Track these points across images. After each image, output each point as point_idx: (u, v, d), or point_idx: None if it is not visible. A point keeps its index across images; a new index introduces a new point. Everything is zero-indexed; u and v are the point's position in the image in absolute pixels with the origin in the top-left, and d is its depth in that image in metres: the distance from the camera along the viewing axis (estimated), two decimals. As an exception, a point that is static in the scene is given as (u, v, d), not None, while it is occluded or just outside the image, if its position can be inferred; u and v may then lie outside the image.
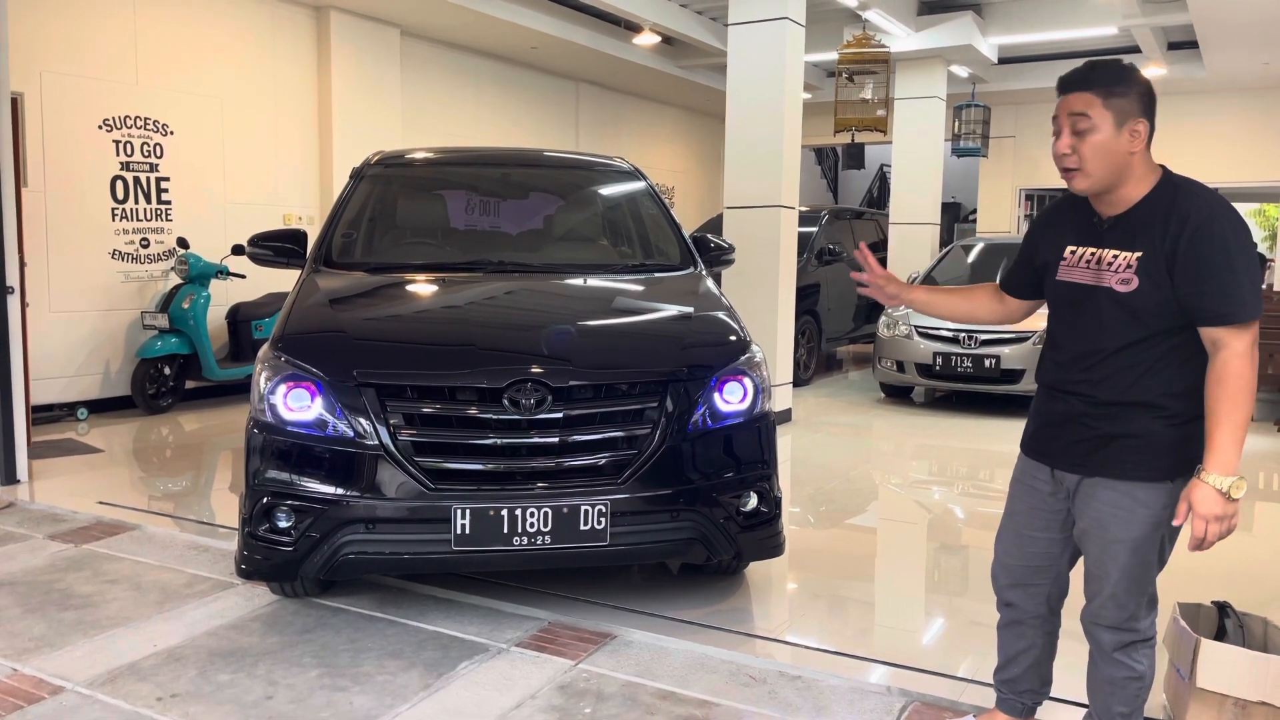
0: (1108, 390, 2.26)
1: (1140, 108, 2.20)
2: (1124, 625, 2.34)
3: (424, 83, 10.26)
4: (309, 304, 3.75)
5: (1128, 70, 2.22)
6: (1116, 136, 2.19)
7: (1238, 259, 2.12)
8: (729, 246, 4.77)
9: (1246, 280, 2.11)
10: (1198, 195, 2.19)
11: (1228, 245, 2.12)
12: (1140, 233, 2.21)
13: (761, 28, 7.54)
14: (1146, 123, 2.20)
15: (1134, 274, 2.19)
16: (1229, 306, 2.11)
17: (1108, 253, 2.25)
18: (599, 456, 3.29)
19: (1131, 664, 2.36)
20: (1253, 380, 2.12)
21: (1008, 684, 2.67)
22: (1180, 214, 2.16)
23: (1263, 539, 5.14)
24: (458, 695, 2.98)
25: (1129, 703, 2.40)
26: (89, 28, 7.36)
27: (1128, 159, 2.20)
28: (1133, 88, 2.19)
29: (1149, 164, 2.25)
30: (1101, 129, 2.19)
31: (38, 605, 3.67)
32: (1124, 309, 2.22)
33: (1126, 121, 2.19)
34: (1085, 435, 2.31)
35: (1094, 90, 2.20)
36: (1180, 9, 9.20)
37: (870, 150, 17.20)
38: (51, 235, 7.22)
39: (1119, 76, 2.20)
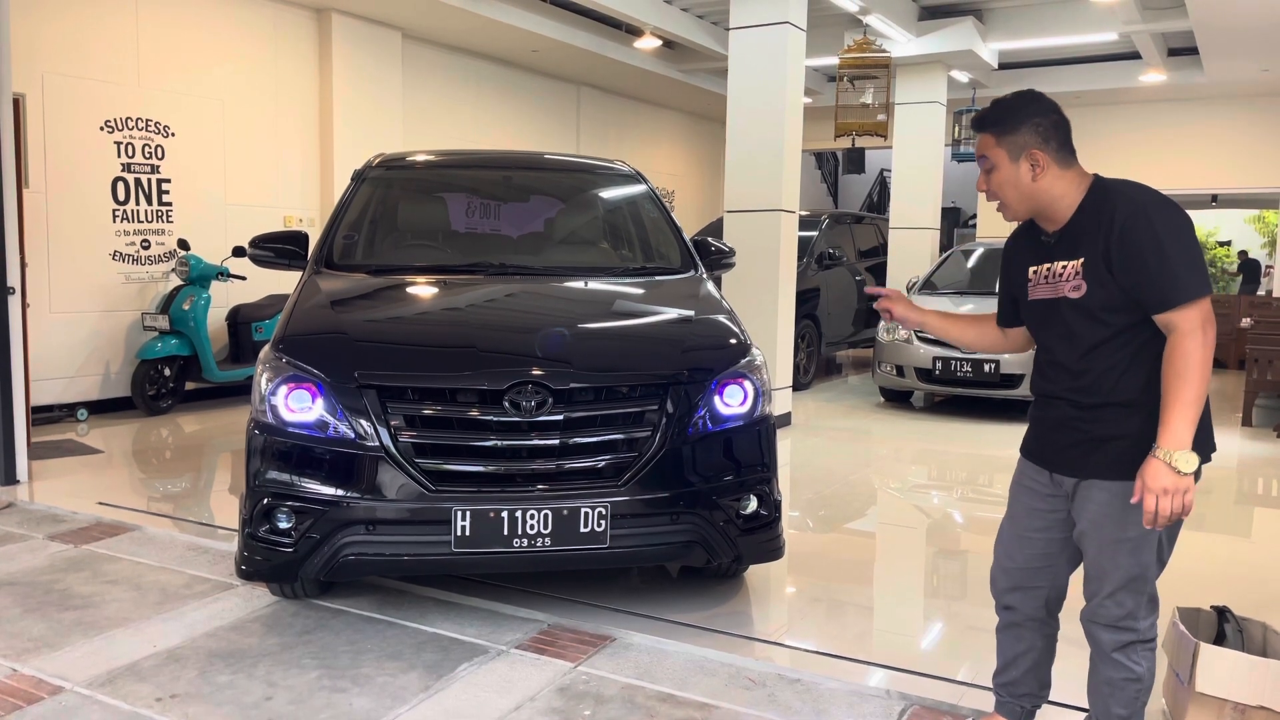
0: (1092, 394, 2.31)
1: (1036, 138, 2.31)
2: (1123, 624, 2.35)
3: (425, 85, 10.28)
4: (310, 305, 3.75)
5: (1019, 104, 2.34)
6: (1015, 169, 2.33)
7: (1168, 244, 2.17)
8: (729, 250, 4.77)
9: (1181, 262, 2.16)
10: (1123, 193, 2.27)
11: (1156, 233, 2.18)
12: (1080, 240, 2.30)
13: (762, 32, 7.55)
14: (1045, 151, 2.30)
15: (1081, 279, 2.29)
16: (1167, 291, 2.16)
17: (1058, 265, 2.35)
18: (599, 459, 3.29)
19: (1131, 665, 2.37)
20: (1203, 358, 2.15)
21: (1006, 687, 2.69)
22: (1108, 214, 2.24)
23: (1262, 544, 5.15)
24: (457, 697, 2.98)
25: (1128, 705, 2.40)
26: (91, 29, 7.37)
27: (1034, 186, 2.33)
28: (1024, 121, 2.31)
29: (1069, 180, 2.33)
30: (1001, 166, 2.34)
31: (37, 605, 3.67)
32: (1082, 313, 2.30)
33: (1021, 155, 2.31)
34: (1078, 439, 2.36)
35: (988, 131, 2.36)
36: (1180, 15, 9.22)
37: (870, 155, 17.21)
38: (52, 236, 7.23)
39: (1007, 114, 2.33)
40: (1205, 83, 11.75)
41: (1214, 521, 5.64)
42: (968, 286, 9.39)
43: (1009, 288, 2.57)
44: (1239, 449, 7.41)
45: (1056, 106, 2.36)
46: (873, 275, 11.55)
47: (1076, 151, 2.38)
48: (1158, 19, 9.60)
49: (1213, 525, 5.56)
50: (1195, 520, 5.69)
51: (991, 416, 8.35)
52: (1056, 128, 2.33)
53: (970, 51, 10.62)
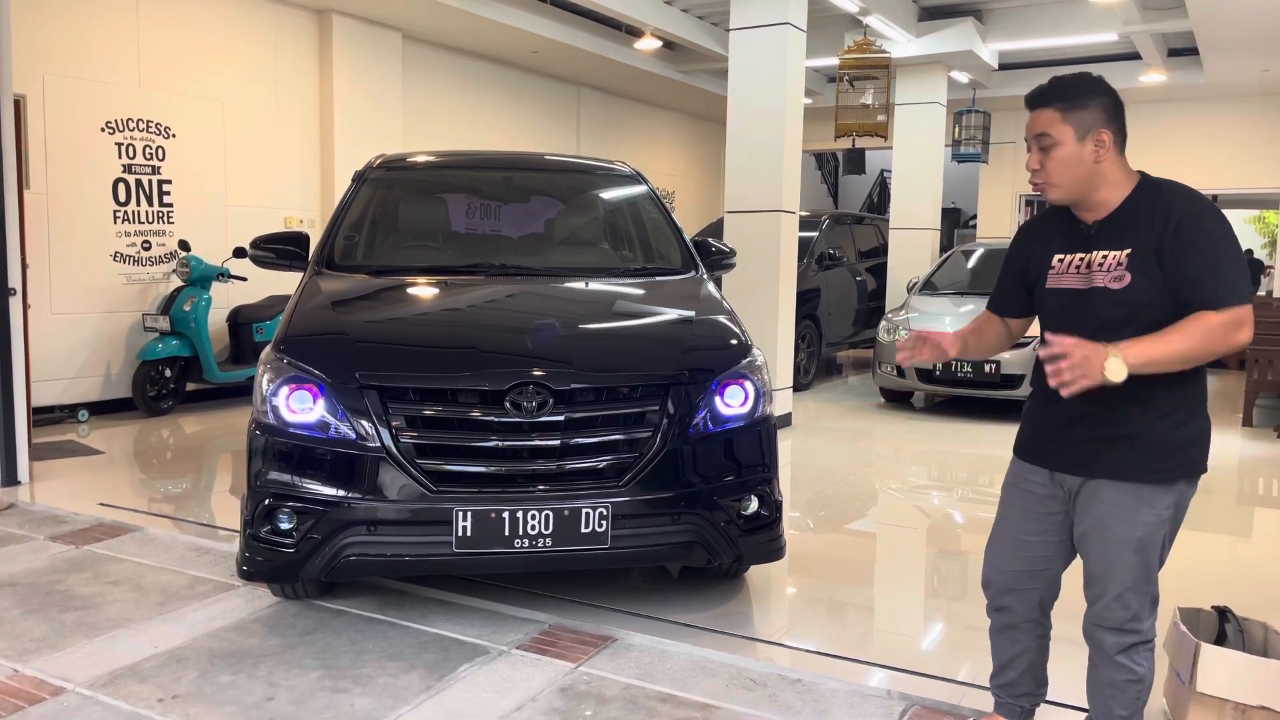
0: (1111, 390, 2.21)
1: (1103, 117, 2.26)
2: (1128, 627, 2.34)
3: (426, 86, 10.28)
4: (311, 306, 3.76)
5: (1086, 82, 2.28)
6: (1080, 148, 2.26)
7: (1222, 247, 2.17)
8: (730, 251, 4.77)
9: (1232, 267, 2.16)
10: (1180, 192, 2.25)
11: (1212, 234, 2.17)
12: (1127, 231, 2.26)
13: (763, 33, 7.56)
14: (1111, 131, 2.27)
15: (1125, 270, 2.24)
16: (1217, 291, 2.15)
17: (1097, 255, 2.30)
18: (600, 459, 3.30)
19: (1133, 666, 2.37)
20: (1217, 339, 2.13)
21: (1005, 688, 2.68)
22: (1164, 209, 2.22)
23: (1262, 544, 5.15)
24: (458, 697, 2.98)
25: (1129, 705, 2.40)
26: (91, 31, 7.37)
27: (1095, 168, 2.28)
28: (1092, 99, 2.26)
29: (1123, 169, 2.30)
30: (1065, 143, 2.27)
31: (39, 606, 3.67)
32: (1119, 305, 2.25)
33: (1089, 133, 2.26)
34: (1088, 436, 2.33)
35: (1053, 107, 2.27)
36: (1180, 15, 9.22)
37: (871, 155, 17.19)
38: (53, 237, 7.24)
39: (1076, 90, 2.27)
40: (1205, 83, 11.75)
41: (1215, 522, 5.64)
42: (968, 287, 9.39)
43: (1022, 272, 2.50)
44: (1239, 449, 7.41)
45: (1117, 92, 2.32)
46: (873, 276, 11.56)
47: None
48: (1158, 19, 9.60)
49: (1213, 525, 5.56)
50: (1196, 520, 5.67)
51: (992, 417, 8.35)
52: (1119, 112, 2.29)
53: (970, 52, 10.62)
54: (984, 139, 12.67)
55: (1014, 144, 14.29)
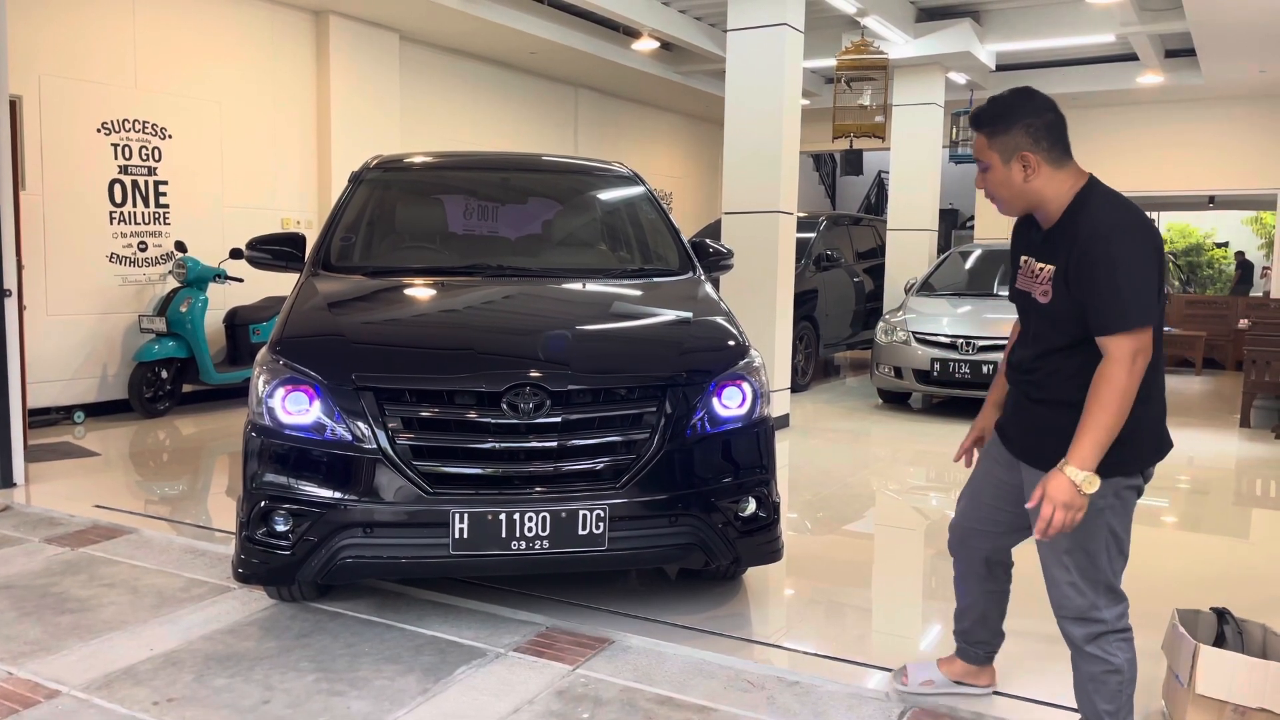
0: (1041, 388, 2.44)
1: (1027, 140, 2.34)
2: (1089, 615, 2.40)
3: (423, 87, 10.27)
4: (307, 307, 3.74)
5: (1012, 106, 2.37)
6: (1008, 171, 2.37)
7: (1119, 272, 2.21)
8: (727, 252, 4.76)
9: (1128, 292, 2.21)
10: (1094, 211, 2.30)
11: (1112, 259, 2.22)
12: (1055, 247, 2.36)
13: (760, 34, 7.55)
14: (1035, 152, 2.34)
15: (1050, 285, 2.36)
16: (1108, 318, 2.22)
17: (1037, 264, 2.43)
18: (597, 461, 3.28)
19: (1106, 656, 2.41)
20: (1126, 387, 2.20)
21: (962, 634, 2.96)
22: (1073, 231, 2.30)
23: (1261, 546, 5.15)
24: (455, 700, 2.97)
25: (1112, 699, 2.43)
26: (88, 31, 7.36)
27: (1026, 187, 2.37)
28: (1015, 123, 2.34)
29: (1062, 182, 2.36)
30: (995, 167, 2.39)
31: (34, 609, 3.66)
32: (1045, 318, 2.40)
33: (1013, 156, 2.35)
34: (1026, 429, 2.52)
35: (982, 132, 2.40)
36: (1178, 16, 9.23)
37: (868, 156, 17.21)
38: (49, 238, 7.22)
39: (1000, 115, 2.37)
40: (1203, 84, 11.76)
41: (1213, 523, 5.64)
42: (965, 288, 9.39)
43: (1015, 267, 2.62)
44: (1237, 450, 7.42)
45: (1052, 104, 2.38)
46: (870, 277, 11.56)
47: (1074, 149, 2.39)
48: (1155, 20, 9.61)
49: (1212, 527, 5.56)
50: (1194, 521, 5.70)
51: (990, 418, 8.34)
52: (1050, 128, 2.35)
53: (968, 53, 10.62)
54: (982, 140, 12.66)
55: (1011, 145, 14.29)
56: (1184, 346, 12.17)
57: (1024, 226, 2.55)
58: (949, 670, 3.00)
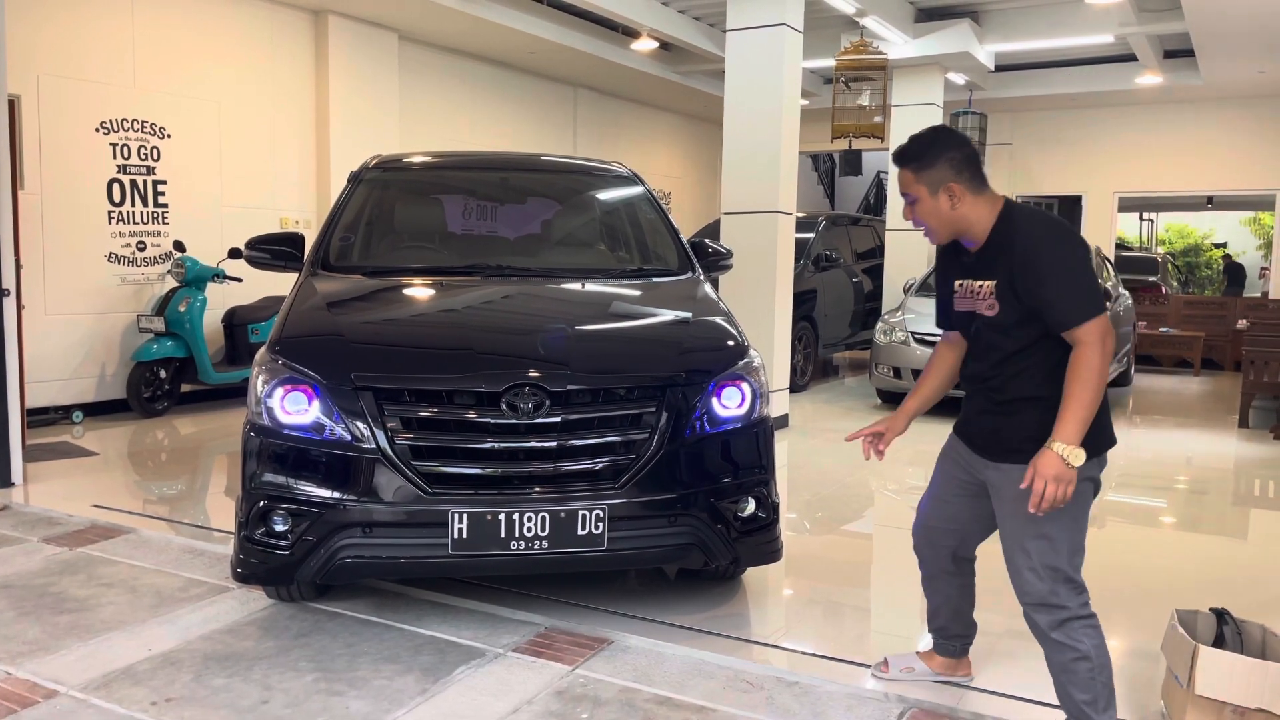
0: (1003, 391, 2.59)
1: (951, 172, 2.55)
2: (1049, 601, 2.50)
3: (422, 87, 10.27)
4: (306, 307, 3.74)
5: (934, 142, 2.59)
6: (935, 201, 2.57)
7: (1063, 273, 2.42)
8: (727, 252, 4.76)
9: (1077, 288, 2.42)
10: (1023, 225, 2.51)
11: (1058, 261, 2.44)
12: (991, 264, 2.55)
13: (759, 34, 7.55)
14: (960, 183, 2.54)
15: (994, 299, 2.54)
16: (1072, 313, 2.41)
17: (974, 283, 2.62)
18: (597, 461, 3.28)
19: (1073, 643, 2.48)
20: (1101, 366, 2.38)
21: (938, 631, 3.08)
22: (1009, 245, 2.50)
23: (1260, 546, 5.15)
24: (454, 700, 2.97)
25: (1087, 688, 2.48)
26: (86, 31, 7.35)
27: (953, 214, 2.57)
28: (939, 157, 2.55)
29: (984, 206, 2.57)
30: (922, 199, 2.59)
31: (32, 609, 3.65)
32: (995, 330, 2.56)
33: (940, 187, 2.55)
34: (991, 427, 2.64)
35: (908, 168, 2.60)
36: (1176, 17, 9.24)
37: (867, 157, 17.18)
38: (48, 238, 7.21)
39: (924, 152, 2.57)
40: (1201, 85, 11.77)
41: (1211, 523, 5.64)
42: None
43: (945, 294, 2.80)
44: (1235, 451, 7.42)
45: (967, 140, 2.62)
46: (869, 277, 11.56)
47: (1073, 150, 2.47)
48: (1154, 21, 9.62)
49: (1210, 527, 5.56)
50: (1193, 522, 5.70)
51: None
52: (968, 160, 2.57)
53: (967, 53, 10.62)
54: (980, 140, 12.67)
55: (1010, 145, 14.31)
56: (1182, 347, 12.17)
57: (948, 255, 2.74)
58: (929, 664, 3.12)
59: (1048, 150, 14.09)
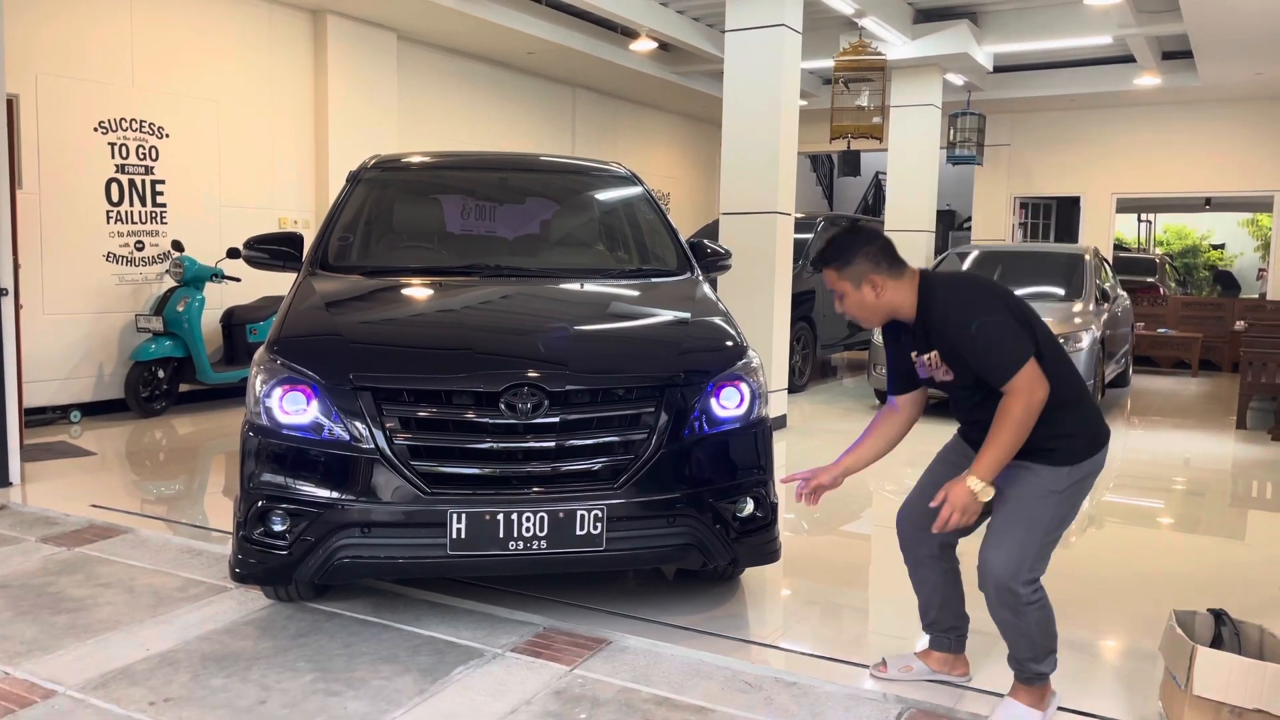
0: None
1: (870, 265, 2.75)
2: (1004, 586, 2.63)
3: (421, 87, 10.26)
4: (305, 307, 3.74)
5: (851, 242, 2.78)
6: (860, 294, 2.77)
7: (981, 338, 2.62)
8: (725, 252, 4.77)
9: (996, 351, 2.61)
10: (935, 300, 2.72)
11: (970, 332, 2.63)
12: (927, 336, 2.76)
13: (758, 34, 7.56)
14: (880, 273, 2.75)
15: (946, 365, 2.73)
16: (996, 376, 2.62)
17: (924, 355, 2.80)
18: (595, 461, 3.28)
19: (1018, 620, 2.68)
20: (1023, 415, 2.57)
21: (931, 625, 3.13)
22: (931, 319, 2.73)
23: (1257, 547, 5.15)
24: (452, 700, 2.97)
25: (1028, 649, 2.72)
26: (85, 30, 7.35)
27: (879, 301, 2.77)
28: (856, 254, 2.75)
29: (905, 286, 2.77)
30: (848, 294, 2.80)
31: (30, 608, 3.65)
32: (961, 387, 2.75)
33: (862, 281, 2.76)
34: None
35: (830, 267, 2.81)
36: (1175, 19, 9.25)
37: (866, 158, 17.22)
38: (46, 237, 7.21)
39: (843, 251, 2.78)
40: (1199, 86, 11.78)
41: (1209, 524, 5.65)
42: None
43: (900, 365, 2.96)
44: (1233, 452, 7.43)
45: (878, 232, 2.84)
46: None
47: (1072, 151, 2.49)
48: (1152, 22, 9.63)
49: (1208, 528, 5.57)
50: (1190, 523, 5.71)
51: (987, 419, 8.34)
52: (884, 251, 2.77)
53: (965, 54, 10.63)
54: (979, 141, 12.70)
55: (1009, 146, 14.33)
56: (1180, 348, 12.18)
57: (892, 332, 2.92)
58: (926, 661, 3.13)
59: (1046, 151, 14.10)
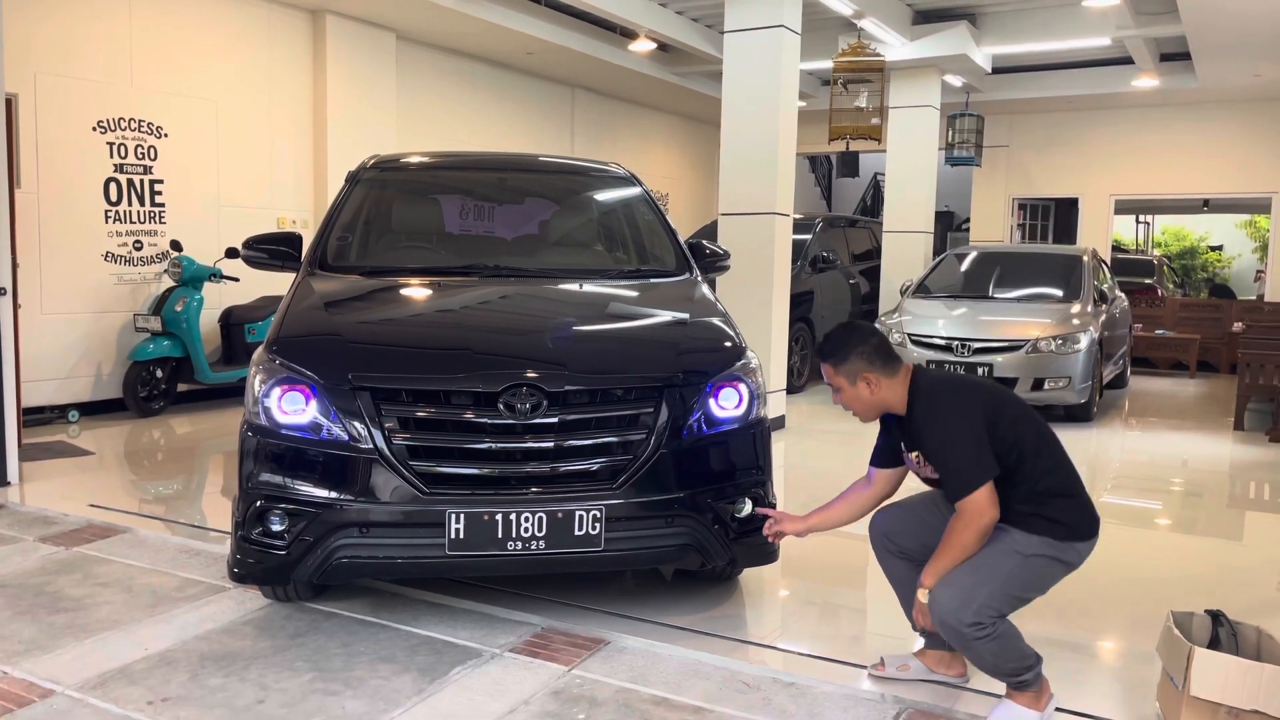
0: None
1: (864, 364, 2.85)
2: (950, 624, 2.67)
3: (420, 87, 10.26)
4: (304, 307, 3.74)
5: (847, 340, 2.89)
6: (856, 390, 2.87)
7: (947, 453, 2.73)
8: (724, 253, 4.77)
9: (958, 466, 2.70)
10: (917, 402, 2.82)
11: (937, 444, 2.76)
12: (914, 435, 2.86)
13: (757, 35, 7.56)
14: (874, 371, 2.84)
15: (930, 465, 2.83)
16: (948, 491, 2.76)
17: (911, 453, 2.91)
18: (594, 461, 3.28)
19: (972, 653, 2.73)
20: (967, 541, 2.68)
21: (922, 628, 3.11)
22: (913, 421, 2.83)
23: (1255, 548, 5.16)
24: (451, 700, 2.97)
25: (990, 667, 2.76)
26: (84, 29, 7.34)
27: (873, 398, 2.87)
28: (852, 352, 2.86)
29: (899, 383, 2.86)
30: (844, 389, 2.90)
31: (28, 608, 3.65)
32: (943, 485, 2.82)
33: (858, 378, 2.86)
34: None
35: (828, 363, 2.91)
36: (1173, 20, 9.25)
37: (864, 159, 17.21)
38: (44, 237, 7.20)
39: (839, 349, 2.89)
40: (1197, 88, 11.79)
41: (1207, 525, 5.66)
42: (961, 290, 9.40)
43: (888, 441, 3.04)
44: (1231, 453, 7.44)
45: (875, 332, 2.94)
46: (866, 279, 11.57)
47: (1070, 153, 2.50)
48: (1150, 24, 9.64)
49: (1206, 529, 5.58)
50: (1188, 524, 5.71)
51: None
52: (878, 349, 2.87)
53: (964, 56, 10.64)
54: (977, 142, 12.70)
55: (1007, 148, 14.34)
56: (1178, 350, 12.19)
57: (888, 426, 3.01)
58: (924, 660, 3.14)
59: (1044, 152, 14.11)
